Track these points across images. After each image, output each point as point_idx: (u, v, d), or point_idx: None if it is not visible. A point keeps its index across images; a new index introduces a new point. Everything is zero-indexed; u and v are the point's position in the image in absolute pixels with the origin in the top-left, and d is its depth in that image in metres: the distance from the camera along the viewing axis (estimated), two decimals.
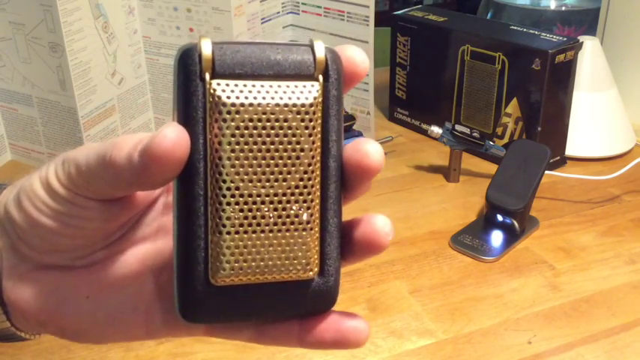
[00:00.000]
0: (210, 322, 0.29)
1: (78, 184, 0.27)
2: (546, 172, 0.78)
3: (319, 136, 0.26)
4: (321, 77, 0.26)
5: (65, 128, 0.86)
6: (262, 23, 0.95)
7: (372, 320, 0.63)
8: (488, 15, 1.37)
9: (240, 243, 0.26)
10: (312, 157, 0.26)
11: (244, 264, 0.26)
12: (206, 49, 0.25)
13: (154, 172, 0.25)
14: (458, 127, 0.87)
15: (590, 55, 0.94)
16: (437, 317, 0.63)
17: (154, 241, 0.31)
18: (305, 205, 0.26)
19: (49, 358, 0.58)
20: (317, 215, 0.27)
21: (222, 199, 0.25)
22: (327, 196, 0.27)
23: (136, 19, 0.93)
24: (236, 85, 0.25)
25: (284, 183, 0.26)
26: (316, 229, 0.27)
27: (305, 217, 0.26)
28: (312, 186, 0.26)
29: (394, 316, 0.64)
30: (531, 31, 0.92)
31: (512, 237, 0.75)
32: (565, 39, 0.87)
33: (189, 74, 0.25)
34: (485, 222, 0.78)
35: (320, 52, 0.26)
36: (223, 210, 0.25)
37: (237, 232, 0.26)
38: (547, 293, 0.67)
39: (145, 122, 0.98)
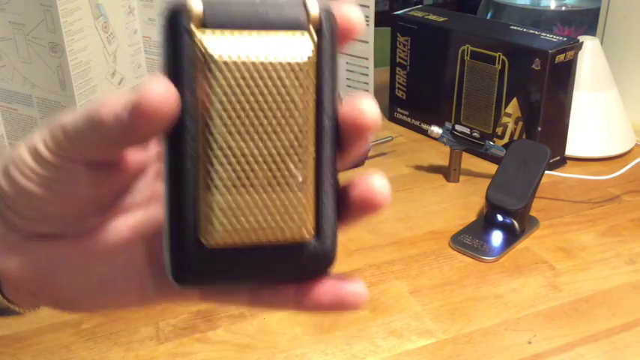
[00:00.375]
0: (203, 285, 0.28)
1: (64, 147, 0.27)
2: (546, 172, 0.78)
3: (313, 93, 0.25)
4: (314, 34, 0.25)
5: None
6: None
7: (372, 320, 0.63)
8: (489, 15, 1.37)
9: (233, 204, 0.25)
10: (306, 115, 0.25)
11: (237, 225, 0.25)
12: (195, 3, 0.24)
13: (142, 128, 0.24)
14: (458, 127, 0.87)
15: (590, 55, 0.94)
16: (437, 317, 0.63)
17: (146, 209, 0.31)
18: (299, 164, 0.26)
19: (49, 358, 0.58)
20: (312, 174, 0.26)
21: (213, 158, 0.25)
22: (322, 155, 0.26)
23: (136, 19, 0.93)
24: (227, 41, 0.24)
25: (277, 141, 0.25)
26: (311, 188, 0.26)
27: (299, 176, 0.26)
28: (306, 144, 0.26)
29: (394, 316, 0.64)
30: (531, 31, 0.92)
31: (512, 237, 0.75)
32: (565, 39, 0.87)
33: (178, 29, 0.24)
34: (485, 222, 0.78)
35: (314, 9, 0.25)
36: (215, 169, 0.25)
37: (229, 192, 0.25)
38: (547, 293, 0.67)
39: None
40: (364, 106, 0.26)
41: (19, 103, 0.88)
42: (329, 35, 0.26)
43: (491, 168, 0.87)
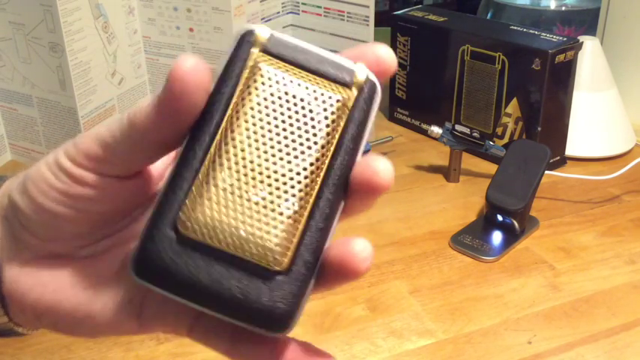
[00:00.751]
0: (158, 283, 0.26)
1: (99, 157, 0.27)
2: (546, 172, 0.78)
3: (337, 136, 0.27)
4: (355, 90, 0.27)
5: (65, 128, 0.86)
6: (262, 23, 0.95)
7: (372, 320, 0.63)
8: (489, 15, 1.37)
9: (224, 204, 0.25)
10: (323, 154, 0.26)
11: (219, 222, 0.25)
12: (263, 32, 0.27)
13: (178, 99, 0.25)
14: (458, 127, 0.87)
15: (590, 55, 0.94)
16: (437, 317, 0.63)
17: None
18: (301, 199, 0.26)
19: (49, 358, 0.58)
20: (306, 212, 0.26)
21: (224, 158, 0.26)
22: (322, 197, 0.26)
23: (136, 19, 0.93)
24: (278, 63, 0.27)
25: (288, 166, 0.26)
26: (301, 223, 0.26)
27: (295, 207, 0.26)
28: (313, 181, 0.26)
29: (394, 316, 0.64)
30: (531, 31, 0.92)
31: (512, 237, 0.75)
32: (565, 39, 0.87)
33: (242, 45, 0.27)
34: (485, 222, 0.78)
35: (361, 73, 0.28)
36: (222, 168, 0.26)
37: (225, 193, 0.26)
38: (547, 293, 0.67)
39: None
40: (379, 166, 0.26)
41: (19, 103, 0.88)
42: (368, 95, 0.28)
43: (492, 168, 0.87)
